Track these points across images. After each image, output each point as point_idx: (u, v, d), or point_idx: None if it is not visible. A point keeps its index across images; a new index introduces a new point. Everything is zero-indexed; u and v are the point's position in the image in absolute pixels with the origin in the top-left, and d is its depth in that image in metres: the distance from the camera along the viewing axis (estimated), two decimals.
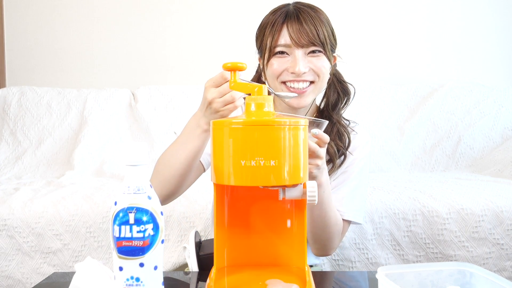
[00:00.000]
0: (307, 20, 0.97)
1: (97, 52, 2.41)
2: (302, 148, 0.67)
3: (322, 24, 0.98)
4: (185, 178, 0.93)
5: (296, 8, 1.00)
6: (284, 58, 0.99)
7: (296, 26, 0.97)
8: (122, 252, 0.56)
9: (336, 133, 1.07)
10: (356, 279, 0.90)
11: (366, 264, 1.39)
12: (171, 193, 0.94)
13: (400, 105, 2.21)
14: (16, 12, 2.41)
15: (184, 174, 0.91)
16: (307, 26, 0.97)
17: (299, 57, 0.97)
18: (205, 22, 2.42)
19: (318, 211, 0.94)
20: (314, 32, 0.97)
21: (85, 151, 2.02)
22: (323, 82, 1.02)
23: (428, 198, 1.43)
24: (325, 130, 1.05)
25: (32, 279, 1.38)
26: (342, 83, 1.11)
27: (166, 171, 0.92)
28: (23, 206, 1.42)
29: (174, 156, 0.91)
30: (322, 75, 1.00)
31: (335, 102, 1.09)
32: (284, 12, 1.00)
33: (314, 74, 0.99)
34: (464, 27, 2.45)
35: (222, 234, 0.77)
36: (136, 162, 0.58)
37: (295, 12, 0.99)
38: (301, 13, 0.98)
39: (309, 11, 0.99)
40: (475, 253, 1.38)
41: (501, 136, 2.12)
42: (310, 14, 0.98)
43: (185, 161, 0.89)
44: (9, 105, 2.14)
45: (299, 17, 0.98)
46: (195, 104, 2.19)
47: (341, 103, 1.10)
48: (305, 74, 0.98)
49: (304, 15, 0.98)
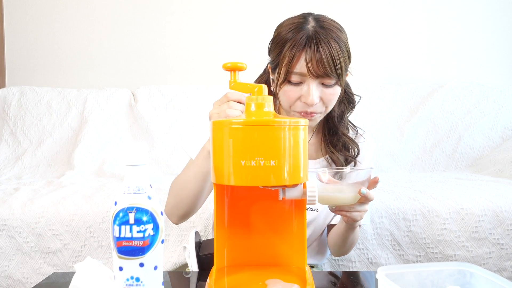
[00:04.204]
0: (326, 49, 0.93)
1: (97, 52, 2.42)
2: (302, 148, 0.67)
3: (340, 53, 0.95)
4: (199, 199, 0.98)
5: (315, 32, 0.95)
6: (298, 86, 0.97)
7: (315, 56, 0.93)
8: (122, 252, 0.56)
9: (343, 145, 1.07)
10: (356, 279, 0.90)
11: (366, 264, 1.39)
12: (186, 213, 0.99)
13: (400, 105, 2.22)
14: (16, 12, 2.41)
15: (197, 195, 0.96)
16: (325, 56, 0.93)
17: (313, 88, 0.95)
18: (205, 22, 2.42)
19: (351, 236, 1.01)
20: (331, 64, 0.93)
21: (85, 151, 2.02)
22: (331, 108, 1.02)
23: (428, 198, 1.43)
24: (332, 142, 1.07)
25: (32, 279, 1.38)
26: (349, 95, 1.10)
27: (180, 193, 0.98)
28: (23, 206, 1.42)
29: (187, 180, 0.96)
30: (331, 104, 1.00)
31: (341, 114, 1.09)
32: (304, 35, 0.95)
33: (323, 105, 0.98)
34: (464, 27, 2.45)
35: (222, 234, 0.77)
36: (136, 162, 0.58)
37: (315, 37, 0.94)
38: (320, 40, 0.94)
39: (329, 38, 0.94)
40: (475, 253, 1.38)
41: (501, 136, 2.12)
42: (330, 42, 0.94)
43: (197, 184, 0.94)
44: (9, 105, 2.14)
45: (318, 45, 0.93)
46: (195, 104, 2.21)
47: (347, 113, 1.10)
48: (315, 105, 0.97)
49: (323, 43, 0.93)
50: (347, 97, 1.10)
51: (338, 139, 1.08)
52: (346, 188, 0.83)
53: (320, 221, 1.10)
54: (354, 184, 0.83)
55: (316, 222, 1.09)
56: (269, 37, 1.03)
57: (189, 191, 0.95)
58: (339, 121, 1.08)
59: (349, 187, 0.83)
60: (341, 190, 0.83)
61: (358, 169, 0.94)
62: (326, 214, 1.10)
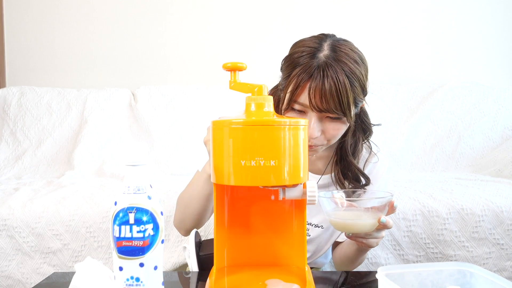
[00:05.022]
0: (332, 84, 0.86)
1: (97, 52, 2.41)
2: (302, 148, 0.67)
3: (349, 88, 0.87)
4: (203, 217, 1.00)
5: (325, 64, 0.87)
6: (300, 115, 0.92)
7: (319, 89, 0.86)
8: (122, 252, 0.56)
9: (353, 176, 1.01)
10: (356, 279, 0.90)
11: (366, 264, 1.39)
12: (193, 227, 1.01)
13: (400, 105, 2.22)
14: (16, 12, 2.41)
15: (201, 214, 0.99)
16: (329, 91, 0.86)
17: (314, 122, 0.89)
18: (205, 22, 2.42)
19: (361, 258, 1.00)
20: (335, 99, 0.86)
21: (85, 151, 2.02)
22: (335, 141, 0.96)
23: (428, 198, 1.43)
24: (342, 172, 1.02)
25: (32, 279, 1.38)
26: (365, 124, 1.03)
27: (185, 211, 1.01)
28: (23, 206, 1.42)
29: (191, 199, 0.99)
30: (334, 139, 0.94)
31: (355, 144, 1.02)
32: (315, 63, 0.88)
33: (324, 139, 0.93)
34: (464, 27, 2.45)
35: (222, 234, 0.77)
36: (136, 162, 0.58)
37: (324, 69, 0.87)
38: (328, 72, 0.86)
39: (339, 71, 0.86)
40: (475, 253, 1.38)
41: (501, 136, 2.12)
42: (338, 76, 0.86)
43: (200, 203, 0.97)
44: (9, 105, 2.14)
45: (325, 78, 0.86)
46: (195, 104, 2.20)
47: (360, 144, 1.03)
48: (316, 138, 0.91)
49: (330, 77, 0.86)
50: (363, 126, 1.03)
51: (349, 170, 1.01)
52: (365, 215, 0.78)
53: (325, 238, 1.07)
54: (372, 210, 0.78)
55: (320, 239, 1.06)
56: (269, 37, 1.03)
57: (194, 210, 0.98)
58: (353, 151, 1.01)
59: (367, 213, 0.78)
60: (359, 217, 0.78)
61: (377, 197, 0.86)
62: (332, 232, 1.07)
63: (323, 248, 1.08)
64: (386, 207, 0.79)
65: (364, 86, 0.92)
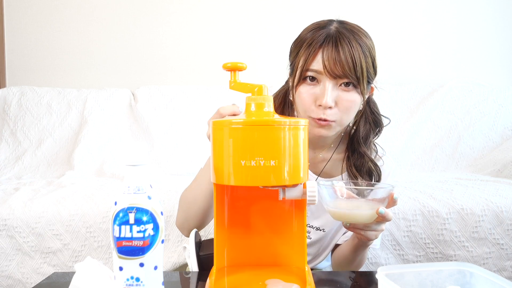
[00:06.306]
0: (346, 49, 0.87)
1: (97, 52, 2.42)
2: (302, 148, 0.67)
3: (362, 55, 0.89)
4: (207, 217, 0.99)
5: (337, 31, 0.90)
6: (313, 86, 0.91)
7: (332, 54, 0.87)
8: (122, 252, 0.56)
9: (367, 170, 1.00)
10: (356, 279, 0.90)
11: (366, 264, 1.39)
12: (197, 226, 1.00)
13: (400, 105, 2.22)
14: (16, 12, 2.41)
15: (205, 213, 0.97)
16: (344, 55, 0.87)
17: (328, 89, 0.89)
18: (205, 22, 2.42)
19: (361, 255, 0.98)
20: (350, 64, 0.87)
21: (85, 151, 2.02)
22: (348, 118, 0.95)
23: (428, 198, 1.43)
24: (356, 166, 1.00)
25: (32, 279, 1.38)
26: (376, 115, 1.03)
27: (189, 211, 0.99)
28: (23, 206, 1.42)
29: (195, 199, 0.97)
30: (348, 113, 0.93)
31: (366, 135, 1.01)
32: (324, 33, 0.90)
33: (338, 112, 0.91)
34: (464, 27, 2.45)
35: (222, 234, 0.77)
36: (136, 162, 0.58)
37: (335, 36, 0.89)
38: (341, 38, 0.88)
39: (350, 38, 0.88)
40: (475, 253, 1.38)
41: (501, 136, 2.12)
42: (351, 42, 0.88)
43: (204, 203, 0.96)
44: (9, 105, 2.14)
45: (338, 43, 0.87)
46: (195, 104, 2.20)
47: (373, 135, 1.02)
48: (330, 111, 0.90)
49: (343, 42, 0.88)
50: (373, 117, 1.02)
51: (362, 164, 1.00)
52: (364, 205, 0.78)
53: (326, 241, 1.06)
54: (372, 201, 0.78)
55: (321, 242, 1.06)
56: (269, 37, 1.03)
57: (199, 208, 0.97)
58: (364, 142, 1.00)
59: (367, 204, 0.78)
60: (358, 207, 0.78)
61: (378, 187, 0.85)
62: (333, 235, 1.06)
63: (324, 252, 1.08)
64: (386, 200, 0.78)
65: (374, 61, 0.94)
